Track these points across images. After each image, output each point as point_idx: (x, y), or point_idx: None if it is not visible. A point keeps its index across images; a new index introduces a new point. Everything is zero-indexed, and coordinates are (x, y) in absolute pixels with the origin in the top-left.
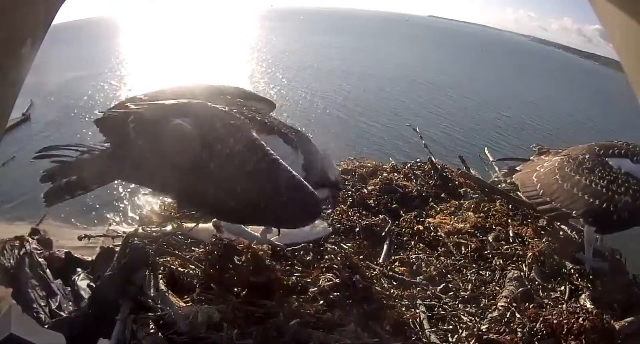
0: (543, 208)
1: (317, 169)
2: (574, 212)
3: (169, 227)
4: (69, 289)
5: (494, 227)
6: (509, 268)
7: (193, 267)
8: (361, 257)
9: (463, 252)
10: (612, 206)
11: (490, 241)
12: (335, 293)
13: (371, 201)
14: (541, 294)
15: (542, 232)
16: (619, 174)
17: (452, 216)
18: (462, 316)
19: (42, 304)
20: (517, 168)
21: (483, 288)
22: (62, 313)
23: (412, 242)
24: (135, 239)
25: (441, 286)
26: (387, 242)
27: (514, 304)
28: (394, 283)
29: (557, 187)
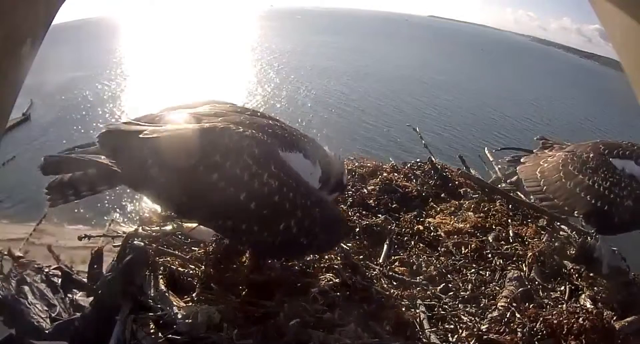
0: (545, 204)
1: (331, 178)
2: (575, 212)
3: (169, 227)
4: (69, 302)
5: (494, 227)
6: (509, 268)
7: (193, 267)
8: (361, 257)
9: (463, 252)
10: (614, 209)
11: (490, 241)
12: (335, 293)
13: (371, 201)
14: (541, 294)
15: (542, 232)
16: (623, 177)
17: (452, 216)
18: (462, 316)
19: (43, 316)
20: (522, 160)
21: (483, 288)
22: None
23: (412, 242)
24: (135, 239)
25: (441, 286)
26: (387, 242)
27: (514, 304)
28: (394, 283)
29: (560, 185)
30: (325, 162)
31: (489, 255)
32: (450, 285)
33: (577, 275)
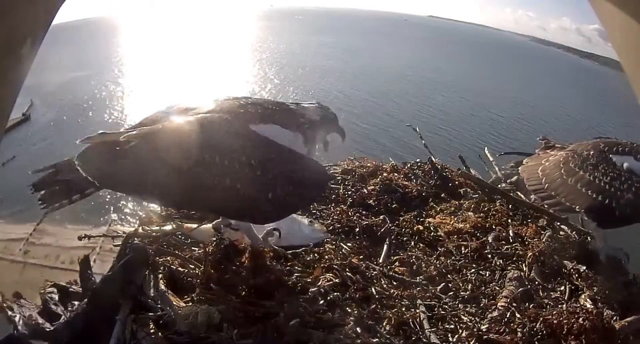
0: (548, 202)
1: (316, 137)
2: (577, 207)
3: (168, 227)
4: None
5: (494, 227)
6: (509, 268)
7: (193, 267)
8: (361, 257)
9: (463, 252)
10: (615, 203)
11: (490, 241)
12: (335, 293)
13: (371, 201)
14: (541, 294)
15: (542, 232)
16: (622, 171)
17: (452, 216)
18: (462, 316)
19: (40, 322)
20: (524, 161)
21: (483, 288)
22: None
23: (412, 243)
24: (135, 239)
25: (441, 286)
26: (387, 242)
27: (514, 304)
28: (394, 283)
29: (561, 182)
30: (305, 123)
31: (489, 255)
32: (450, 285)
33: (577, 275)
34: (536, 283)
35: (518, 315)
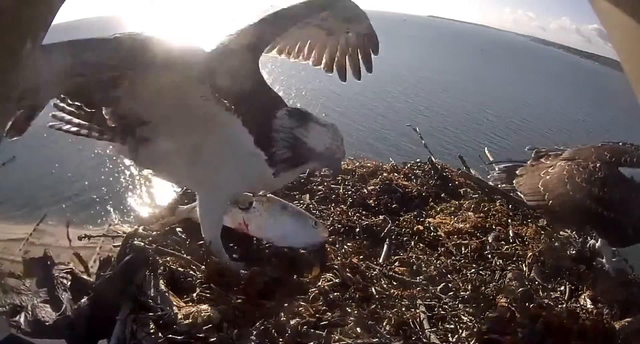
0: (551, 219)
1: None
2: (587, 225)
3: (166, 219)
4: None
5: (494, 227)
6: (509, 268)
7: (193, 267)
8: (361, 257)
9: (463, 252)
10: (627, 220)
11: (490, 241)
12: (335, 293)
13: (371, 201)
14: (541, 294)
15: (542, 232)
16: (633, 186)
17: (452, 216)
18: (462, 316)
19: (39, 315)
20: (517, 172)
21: (483, 287)
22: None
23: (412, 243)
24: (135, 239)
25: (441, 286)
26: (387, 242)
27: (514, 304)
28: (394, 283)
29: (567, 198)
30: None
31: (489, 255)
32: (450, 285)
33: (577, 275)
34: (536, 283)
35: (518, 315)
